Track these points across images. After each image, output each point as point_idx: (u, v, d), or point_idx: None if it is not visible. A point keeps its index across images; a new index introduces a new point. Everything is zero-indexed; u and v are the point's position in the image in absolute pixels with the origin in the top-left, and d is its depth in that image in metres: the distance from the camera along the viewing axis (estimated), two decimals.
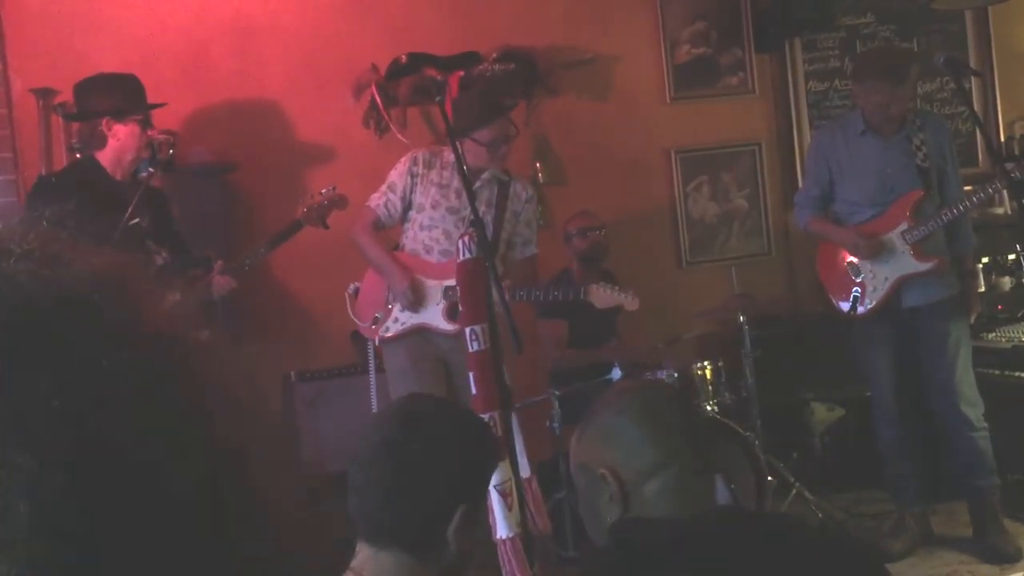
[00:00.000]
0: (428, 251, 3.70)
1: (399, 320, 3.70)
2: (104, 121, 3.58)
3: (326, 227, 3.88)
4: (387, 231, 3.91)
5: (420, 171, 3.73)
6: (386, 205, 3.75)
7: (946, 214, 3.76)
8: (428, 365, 3.65)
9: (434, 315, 3.63)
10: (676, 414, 1.49)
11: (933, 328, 3.85)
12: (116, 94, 3.65)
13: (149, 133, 3.68)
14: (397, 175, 3.76)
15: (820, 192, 4.02)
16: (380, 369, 3.96)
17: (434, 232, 3.69)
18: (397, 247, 3.86)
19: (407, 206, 3.75)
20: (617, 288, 3.57)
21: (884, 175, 3.86)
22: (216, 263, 3.69)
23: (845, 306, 3.91)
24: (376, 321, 3.73)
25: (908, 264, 3.82)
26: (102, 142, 3.60)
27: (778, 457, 4.38)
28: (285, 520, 0.64)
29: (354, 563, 1.49)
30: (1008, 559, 3.72)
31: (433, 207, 3.69)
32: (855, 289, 3.87)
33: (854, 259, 3.92)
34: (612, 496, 1.42)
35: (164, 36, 4.55)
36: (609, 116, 5.06)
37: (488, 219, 3.61)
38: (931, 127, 3.91)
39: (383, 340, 3.73)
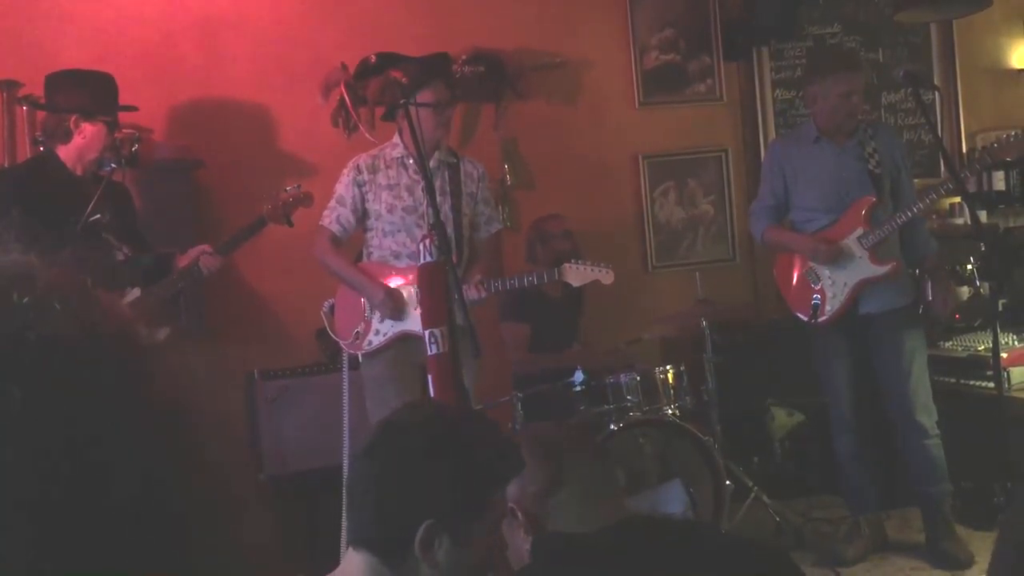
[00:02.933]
0: (396, 256, 3.67)
1: (380, 332, 3.65)
2: (73, 118, 3.56)
3: (290, 224, 3.87)
4: (352, 241, 3.87)
5: (366, 178, 3.69)
6: (339, 220, 3.71)
7: (900, 216, 3.81)
8: (407, 371, 3.59)
9: (415, 321, 3.53)
10: (561, 440, 1.63)
11: (889, 336, 3.89)
12: (89, 92, 3.62)
13: (115, 135, 3.66)
14: (343, 188, 3.72)
15: (775, 201, 4.06)
16: (353, 367, 3.93)
17: (398, 237, 3.65)
18: (360, 256, 3.82)
19: (362, 215, 3.71)
20: (590, 263, 3.55)
21: (839, 181, 3.90)
22: (204, 246, 3.70)
23: (804, 315, 3.93)
24: (357, 336, 3.68)
25: (866, 268, 3.86)
26: (67, 137, 3.58)
27: (738, 461, 4.43)
28: (241, 518, 0.65)
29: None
30: (960, 565, 3.78)
31: (390, 211, 3.65)
32: (815, 296, 3.88)
33: (812, 266, 3.95)
34: (523, 528, 1.54)
35: (131, 30, 4.52)
36: (578, 120, 5.09)
37: (446, 208, 3.56)
38: (883, 136, 3.98)
39: (366, 355, 3.66)
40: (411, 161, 3.64)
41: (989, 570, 1.23)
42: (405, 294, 3.63)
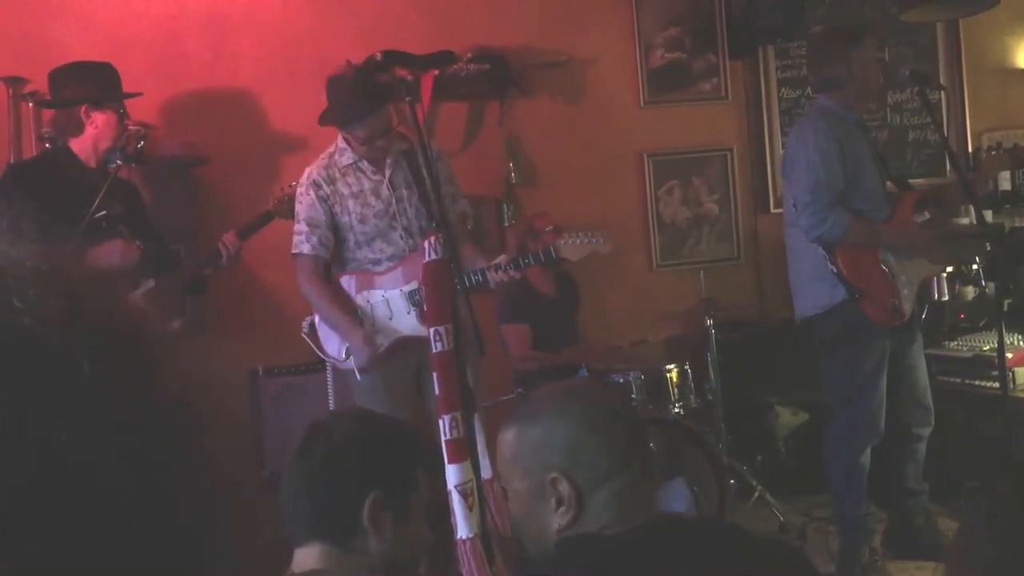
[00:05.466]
0: (376, 263, 3.54)
1: (375, 343, 3.47)
2: (83, 108, 3.60)
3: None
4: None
5: (327, 192, 3.53)
6: (321, 242, 3.53)
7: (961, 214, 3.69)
8: (398, 379, 3.49)
9: (409, 323, 3.45)
10: (623, 418, 1.51)
11: (919, 335, 3.78)
12: (93, 82, 3.67)
13: (125, 122, 3.70)
14: (309, 208, 3.53)
15: (845, 182, 3.57)
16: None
17: (375, 244, 3.54)
18: (330, 269, 3.66)
19: (335, 229, 3.55)
20: (585, 235, 3.39)
21: (877, 167, 3.71)
22: (227, 233, 3.81)
23: (883, 314, 3.58)
24: (349, 352, 3.49)
25: (926, 266, 3.68)
26: (79, 129, 3.61)
27: (742, 460, 4.43)
28: (243, 514, 0.65)
29: (289, 570, 1.62)
30: None
31: (362, 221, 3.51)
32: (893, 297, 3.58)
33: (884, 259, 3.61)
34: (563, 502, 1.41)
35: (137, 26, 4.53)
36: (582, 118, 5.08)
37: (415, 200, 3.47)
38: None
39: (363, 369, 3.46)
40: (365, 164, 3.53)
41: None
42: (392, 300, 3.50)
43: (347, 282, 3.59)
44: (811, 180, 3.53)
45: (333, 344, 3.58)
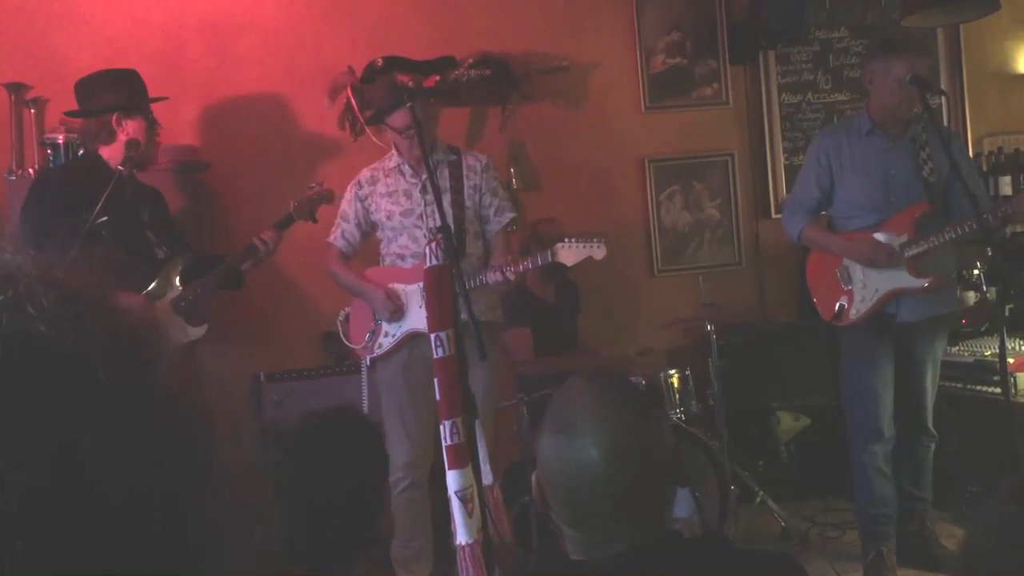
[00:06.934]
0: (403, 259, 3.73)
1: (390, 334, 3.72)
2: (114, 116, 3.66)
3: (315, 221, 3.98)
4: (369, 248, 3.92)
5: (367, 192, 3.77)
6: (343, 235, 3.81)
7: (949, 232, 3.53)
8: (419, 374, 3.58)
9: (420, 319, 3.53)
10: (607, 482, 1.35)
11: (924, 347, 3.75)
12: (123, 89, 3.75)
13: (156, 128, 3.80)
14: (346, 204, 3.82)
15: (820, 194, 3.77)
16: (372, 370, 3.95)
17: (401, 239, 3.72)
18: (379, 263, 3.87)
19: (368, 229, 3.81)
20: (582, 240, 3.48)
21: (887, 176, 3.68)
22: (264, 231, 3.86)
23: (828, 315, 3.72)
24: (370, 340, 3.75)
25: (902, 278, 3.63)
26: (111, 137, 3.69)
27: (743, 465, 4.43)
28: (248, 518, 0.65)
29: None
30: None
31: (389, 218, 3.73)
32: (841, 298, 3.68)
33: (847, 265, 3.71)
34: (536, 503, 1.45)
35: (139, 32, 4.54)
36: (584, 123, 5.09)
37: (446, 205, 3.53)
38: (935, 142, 3.65)
39: (379, 359, 3.75)
40: (407, 167, 3.72)
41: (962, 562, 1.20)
42: (404, 294, 3.68)
43: (371, 274, 3.80)
44: (794, 187, 3.97)
45: (359, 332, 3.79)
